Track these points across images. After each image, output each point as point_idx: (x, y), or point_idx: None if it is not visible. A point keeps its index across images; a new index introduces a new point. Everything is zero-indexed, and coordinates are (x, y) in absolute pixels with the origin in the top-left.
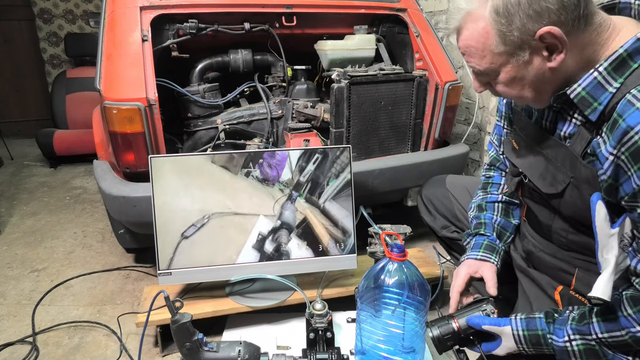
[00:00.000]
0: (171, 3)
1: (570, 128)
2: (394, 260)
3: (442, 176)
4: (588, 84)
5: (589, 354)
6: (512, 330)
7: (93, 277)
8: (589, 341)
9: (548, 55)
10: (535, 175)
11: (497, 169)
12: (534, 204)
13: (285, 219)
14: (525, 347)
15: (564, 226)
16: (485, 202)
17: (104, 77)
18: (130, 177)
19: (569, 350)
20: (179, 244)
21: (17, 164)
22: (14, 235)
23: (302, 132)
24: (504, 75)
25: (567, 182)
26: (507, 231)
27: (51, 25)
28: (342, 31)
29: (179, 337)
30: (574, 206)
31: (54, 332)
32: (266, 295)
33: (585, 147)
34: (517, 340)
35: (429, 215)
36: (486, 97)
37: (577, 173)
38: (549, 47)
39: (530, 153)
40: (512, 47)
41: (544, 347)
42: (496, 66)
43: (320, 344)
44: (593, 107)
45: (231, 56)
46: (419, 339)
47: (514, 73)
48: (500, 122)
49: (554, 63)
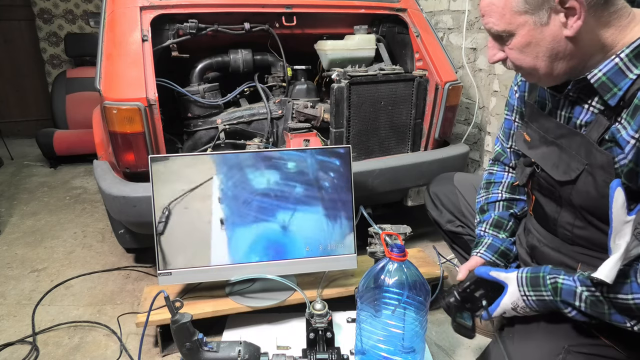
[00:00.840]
0: (171, 3)
1: (587, 116)
2: (394, 260)
3: (450, 173)
4: (609, 69)
5: (593, 304)
6: (517, 274)
7: (93, 277)
8: (593, 292)
9: (565, 22)
10: (548, 164)
11: (501, 164)
12: (541, 197)
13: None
14: (525, 290)
15: (570, 220)
16: (486, 203)
17: (104, 77)
18: (130, 177)
19: (577, 292)
20: (160, 243)
21: (17, 164)
22: (14, 235)
23: (302, 132)
24: (519, 38)
25: (581, 169)
26: (504, 219)
27: (51, 25)
28: (342, 31)
29: (179, 337)
30: (586, 195)
31: (54, 332)
32: (266, 295)
33: (602, 133)
34: (519, 282)
35: (436, 209)
36: (486, 97)
37: (592, 160)
38: (566, 13)
39: (543, 144)
40: (532, 6)
41: (542, 289)
42: (513, 27)
43: (320, 344)
44: (613, 92)
45: (231, 56)
46: (419, 339)
47: (529, 37)
48: (511, 116)
49: (571, 31)
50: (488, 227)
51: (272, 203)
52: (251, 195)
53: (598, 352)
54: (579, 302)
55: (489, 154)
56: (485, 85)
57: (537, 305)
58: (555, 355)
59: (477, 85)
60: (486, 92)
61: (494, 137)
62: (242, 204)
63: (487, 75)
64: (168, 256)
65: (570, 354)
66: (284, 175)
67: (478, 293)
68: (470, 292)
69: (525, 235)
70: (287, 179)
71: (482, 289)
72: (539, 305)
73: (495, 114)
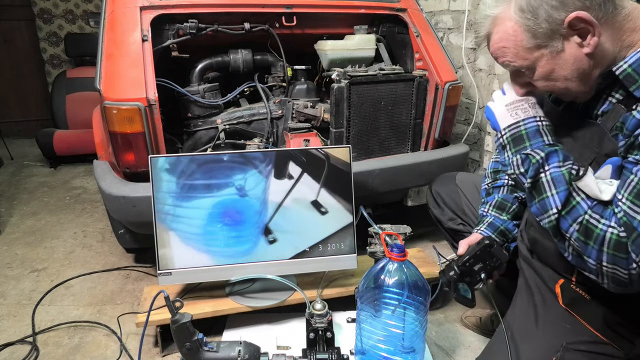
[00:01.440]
0: (171, 3)
1: (605, 106)
2: (394, 260)
3: (453, 173)
4: (634, 61)
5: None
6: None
7: (93, 277)
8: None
9: (581, 42)
10: None
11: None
12: None
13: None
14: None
15: None
16: (492, 187)
17: (104, 77)
18: (130, 177)
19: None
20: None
21: (17, 164)
22: (14, 235)
23: (302, 132)
24: (541, 70)
25: (592, 157)
26: (507, 202)
27: (51, 25)
28: (342, 31)
29: (179, 337)
30: None
31: (54, 332)
32: (266, 295)
33: (616, 122)
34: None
35: (438, 207)
36: (486, 97)
37: (602, 148)
38: (580, 33)
39: (556, 135)
40: (543, 39)
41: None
42: (531, 62)
43: (320, 344)
44: (638, 83)
45: (231, 56)
46: (419, 339)
47: (550, 66)
48: None
49: (589, 48)
50: (491, 208)
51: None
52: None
53: (596, 350)
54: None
55: (489, 154)
56: (485, 85)
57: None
58: (554, 353)
59: (477, 85)
60: (486, 92)
61: (494, 136)
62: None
63: (487, 75)
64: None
65: (568, 351)
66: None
67: (477, 267)
68: (469, 266)
69: (526, 229)
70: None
71: (480, 262)
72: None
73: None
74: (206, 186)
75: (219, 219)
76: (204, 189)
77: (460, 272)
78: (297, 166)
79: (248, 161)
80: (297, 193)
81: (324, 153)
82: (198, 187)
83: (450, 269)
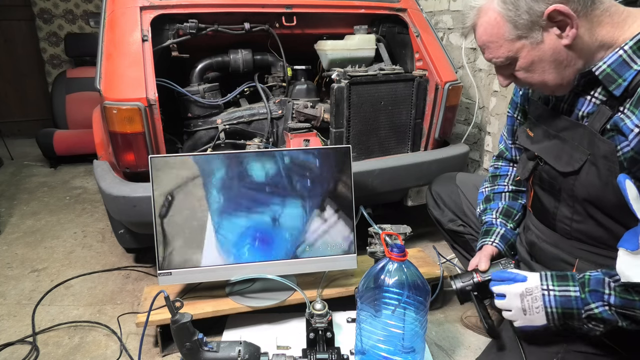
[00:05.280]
0: (171, 3)
1: (589, 107)
2: (394, 260)
3: (453, 173)
4: (613, 61)
5: (623, 291)
6: (540, 272)
7: (93, 277)
8: (620, 282)
9: (560, 33)
10: (551, 157)
11: (504, 160)
12: (541, 191)
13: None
14: (549, 284)
15: (568, 214)
16: (492, 193)
17: (104, 77)
18: (130, 177)
19: (605, 280)
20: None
21: (17, 164)
22: (14, 235)
23: (302, 132)
24: (522, 60)
25: (584, 159)
26: (513, 209)
27: (51, 25)
28: (342, 31)
29: (179, 337)
30: (590, 185)
31: (54, 332)
32: (266, 295)
33: (605, 123)
34: (542, 277)
35: (438, 209)
36: (486, 97)
37: (594, 149)
38: (559, 26)
39: (546, 138)
40: (524, 31)
41: (570, 284)
42: (513, 53)
43: (320, 344)
44: (617, 83)
45: (231, 56)
46: (419, 339)
47: (531, 57)
48: (513, 113)
49: (567, 40)
50: (498, 214)
51: (267, 199)
52: (248, 190)
53: (598, 352)
54: (608, 290)
55: (489, 154)
56: (485, 85)
57: (556, 304)
58: (555, 354)
59: (477, 85)
60: (486, 92)
61: (493, 137)
62: (238, 201)
63: (487, 75)
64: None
65: (570, 353)
66: (280, 172)
67: (489, 282)
68: (484, 283)
69: (524, 232)
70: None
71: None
72: (560, 303)
73: (495, 114)
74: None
75: (250, 239)
76: (246, 209)
77: (477, 286)
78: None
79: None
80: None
81: (324, 154)
82: (243, 205)
83: (465, 280)
